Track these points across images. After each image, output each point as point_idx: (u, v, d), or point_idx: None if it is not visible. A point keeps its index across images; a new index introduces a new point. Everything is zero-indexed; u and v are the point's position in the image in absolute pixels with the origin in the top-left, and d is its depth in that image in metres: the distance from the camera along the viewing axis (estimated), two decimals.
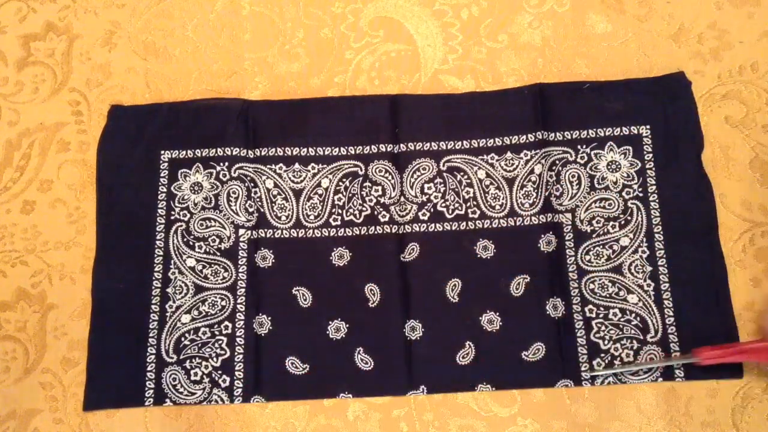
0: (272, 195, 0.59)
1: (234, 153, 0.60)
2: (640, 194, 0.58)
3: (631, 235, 0.57)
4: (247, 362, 0.56)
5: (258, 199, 0.59)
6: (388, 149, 0.60)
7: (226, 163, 0.60)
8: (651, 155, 0.58)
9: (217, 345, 0.57)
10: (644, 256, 0.57)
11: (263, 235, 0.59)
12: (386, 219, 0.59)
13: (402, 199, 0.59)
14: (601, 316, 0.56)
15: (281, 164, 0.60)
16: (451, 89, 0.62)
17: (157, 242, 0.59)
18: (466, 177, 0.59)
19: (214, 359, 0.56)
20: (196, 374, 0.56)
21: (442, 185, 0.59)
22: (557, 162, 0.59)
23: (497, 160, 0.59)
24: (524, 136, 0.59)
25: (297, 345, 0.57)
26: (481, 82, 0.62)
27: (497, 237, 0.58)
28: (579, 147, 0.59)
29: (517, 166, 0.59)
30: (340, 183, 0.59)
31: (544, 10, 0.63)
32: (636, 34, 0.62)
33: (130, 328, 0.57)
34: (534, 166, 0.59)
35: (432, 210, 0.59)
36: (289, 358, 0.56)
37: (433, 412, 0.55)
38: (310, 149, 0.60)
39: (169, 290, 0.58)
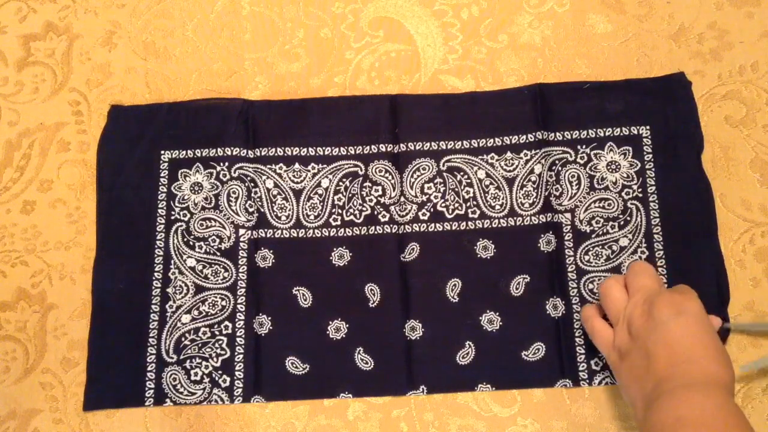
0: (272, 195, 0.60)
1: (234, 153, 0.60)
2: (640, 195, 0.58)
3: (631, 236, 0.57)
4: (247, 362, 0.56)
5: (258, 199, 0.59)
6: (388, 149, 0.60)
7: (226, 163, 0.60)
8: (651, 155, 0.58)
9: (217, 345, 0.57)
10: (643, 256, 0.57)
11: (263, 235, 0.59)
12: (386, 219, 0.59)
13: (402, 199, 0.59)
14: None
15: (281, 164, 0.60)
16: (451, 89, 0.62)
17: (157, 242, 0.59)
18: (466, 177, 0.59)
19: (215, 359, 0.57)
20: (196, 374, 0.56)
21: (442, 185, 0.59)
22: (557, 162, 0.59)
23: (497, 160, 0.59)
24: (524, 136, 0.60)
25: (297, 345, 0.57)
26: (481, 82, 0.62)
27: (497, 237, 0.58)
28: (579, 147, 0.59)
29: (517, 166, 0.59)
30: (340, 183, 0.60)
31: (544, 10, 0.63)
32: (636, 34, 0.62)
33: (130, 328, 0.57)
34: (534, 166, 0.59)
35: (432, 210, 0.59)
36: (289, 358, 0.57)
37: (433, 412, 0.55)
38: (310, 149, 0.60)
39: (169, 290, 0.58)
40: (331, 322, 0.57)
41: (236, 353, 0.57)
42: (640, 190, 0.58)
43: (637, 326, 0.47)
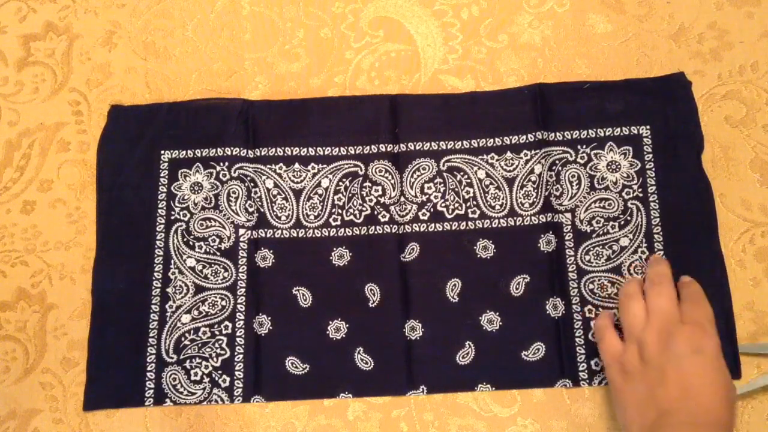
0: (272, 195, 0.60)
1: (234, 153, 0.60)
2: (640, 194, 0.58)
3: (631, 236, 0.57)
4: (247, 362, 0.56)
5: (258, 199, 0.59)
6: (388, 149, 0.60)
7: (226, 163, 0.60)
8: (651, 155, 0.58)
9: (217, 345, 0.57)
10: (644, 256, 0.57)
11: (263, 235, 0.59)
12: (386, 219, 0.59)
13: (402, 199, 0.59)
14: None
15: (281, 164, 0.60)
16: (451, 89, 0.62)
17: (157, 242, 0.59)
18: (466, 177, 0.59)
19: (214, 359, 0.57)
20: (196, 374, 0.56)
21: (442, 185, 0.59)
22: (557, 162, 0.59)
23: (497, 160, 0.59)
24: (524, 136, 0.59)
25: (297, 345, 0.57)
26: (481, 82, 0.62)
27: (497, 237, 0.58)
28: (579, 147, 0.59)
29: (517, 166, 0.59)
30: (340, 183, 0.60)
31: (544, 10, 0.63)
32: (636, 34, 0.62)
33: (130, 328, 0.57)
34: (534, 166, 0.59)
35: (432, 210, 0.59)
36: (289, 358, 0.57)
37: (433, 412, 0.55)
38: (310, 149, 0.60)
39: (169, 290, 0.58)
40: (331, 322, 0.57)
41: (236, 353, 0.57)
42: (640, 190, 0.58)
43: (650, 352, 0.48)
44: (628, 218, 0.58)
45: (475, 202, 0.59)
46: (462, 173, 0.59)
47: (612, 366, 0.50)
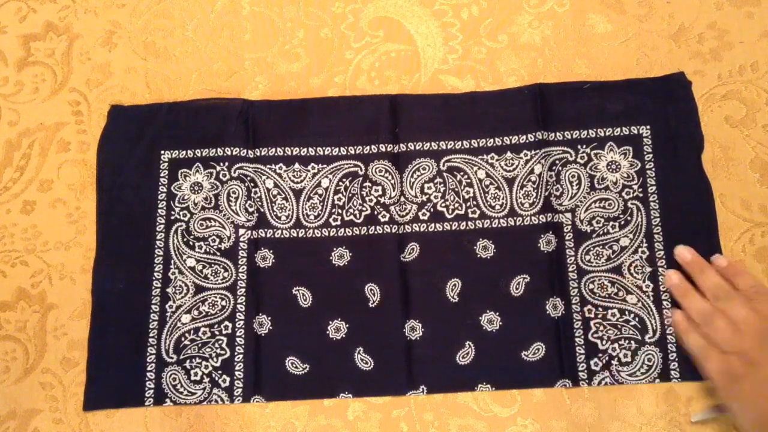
0: (272, 195, 0.60)
1: (234, 153, 0.60)
2: (640, 194, 0.58)
3: (631, 236, 0.57)
4: (247, 362, 0.56)
5: (258, 199, 0.59)
6: (388, 149, 0.60)
7: (226, 163, 0.60)
8: (651, 155, 0.58)
9: (217, 345, 0.57)
10: (644, 256, 0.57)
11: (263, 235, 0.59)
12: (386, 219, 0.59)
13: (402, 199, 0.59)
14: (599, 316, 0.56)
15: (281, 164, 0.60)
16: (451, 89, 0.62)
17: (157, 242, 0.59)
18: (466, 177, 0.59)
19: (214, 359, 0.57)
20: (196, 374, 0.56)
21: (442, 185, 0.59)
22: (557, 162, 0.59)
23: (497, 160, 0.59)
24: (524, 136, 0.59)
25: (297, 345, 0.57)
26: (481, 82, 0.62)
27: (497, 237, 0.58)
28: (579, 147, 0.59)
29: (517, 166, 0.59)
30: (340, 183, 0.60)
31: (544, 10, 0.63)
32: (636, 34, 0.62)
33: (130, 328, 0.57)
34: (534, 166, 0.59)
35: (432, 210, 0.59)
36: (289, 358, 0.57)
37: (433, 412, 0.55)
38: (310, 149, 0.60)
39: (169, 290, 0.58)
40: (331, 322, 0.57)
41: (236, 353, 0.57)
42: (640, 189, 0.58)
43: (754, 356, 0.49)
44: (628, 218, 0.58)
45: (475, 202, 0.59)
46: (462, 173, 0.59)
47: (721, 379, 0.50)
